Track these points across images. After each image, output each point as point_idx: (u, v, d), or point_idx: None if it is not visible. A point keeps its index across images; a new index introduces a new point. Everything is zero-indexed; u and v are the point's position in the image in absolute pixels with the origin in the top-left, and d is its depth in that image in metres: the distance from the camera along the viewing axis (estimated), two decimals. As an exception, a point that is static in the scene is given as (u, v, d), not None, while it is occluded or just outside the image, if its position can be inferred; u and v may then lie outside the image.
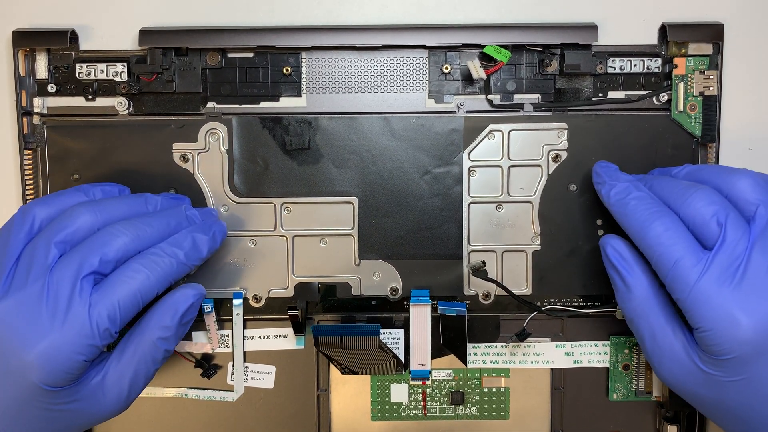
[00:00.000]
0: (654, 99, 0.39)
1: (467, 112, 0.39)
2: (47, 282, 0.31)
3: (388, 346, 0.39)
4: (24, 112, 0.39)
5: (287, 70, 0.39)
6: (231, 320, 0.40)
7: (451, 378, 0.41)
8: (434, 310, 0.39)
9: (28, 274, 0.32)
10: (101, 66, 0.39)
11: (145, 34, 0.38)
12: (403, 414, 0.41)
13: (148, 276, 0.33)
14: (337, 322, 0.40)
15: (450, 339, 0.39)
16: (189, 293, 0.35)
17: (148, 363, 0.34)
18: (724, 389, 0.31)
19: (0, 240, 0.33)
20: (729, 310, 0.30)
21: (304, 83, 0.39)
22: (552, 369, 0.41)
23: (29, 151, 0.39)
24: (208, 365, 0.40)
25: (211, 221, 0.37)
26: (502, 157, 0.39)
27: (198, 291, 0.36)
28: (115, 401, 0.34)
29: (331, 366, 0.40)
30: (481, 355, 0.40)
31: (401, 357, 0.39)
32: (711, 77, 0.38)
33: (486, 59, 0.38)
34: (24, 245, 0.33)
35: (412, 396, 0.41)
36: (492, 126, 0.39)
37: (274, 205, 0.39)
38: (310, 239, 0.40)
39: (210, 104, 0.39)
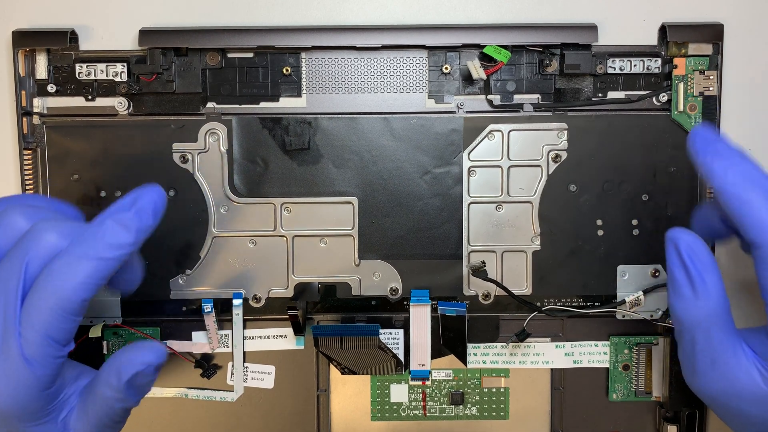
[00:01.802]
0: (654, 99, 0.39)
1: (467, 112, 0.39)
2: None
3: (388, 346, 0.39)
4: (24, 112, 0.39)
5: (287, 70, 0.39)
6: (231, 320, 0.40)
7: (451, 378, 0.41)
8: (434, 310, 0.39)
9: None
10: (101, 66, 0.39)
11: (145, 34, 0.38)
12: (402, 414, 0.41)
13: (65, 284, 0.27)
14: (337, 322, 0.40)
15: (450, 339, 0.39)
16: (136, 359, 0.30)
17: (107, 421, 0.30)
18: None
19: None
20: None
21: (304, 83, 0.39)
22: (552, 369, 0.41)
23: (29, 151, 0.39)
24: (207, 365, 0.40)
25: (134, 191, 0.30)
26: (502, 157, 0.39)
27: (149, 359, 0.30)
28: None
29: (331, 366, 0.40)
30: (481, 355, 0.40)
31: (401, 357, 0.39)
32: (711, 77, 0.38)
33: (486, 59, 0.38)
34: None
35: (412, 396, 0.41)
36: (492, 126, 0.39)
37: (274, 205, 0.39)
38: (310, 239, 0.40)
39: (210, 104, 0.39)
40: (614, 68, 0.39)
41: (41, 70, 0.39)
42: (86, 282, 0.28)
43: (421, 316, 0.38)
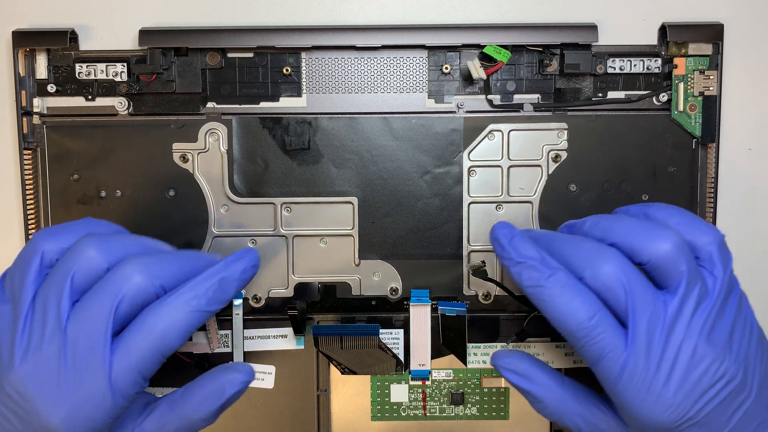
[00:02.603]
0: (654, 99, 0.39)
1: (467, 112, 0.39)
2: (63, 342, 0.29)
3: (388, 346, 0.39)
4: (24, 112, 0.39)
5: (287, 70, 0.39)
6: (231, 320, 0.40)
7: (451, 378, 0.41)
8: (434, 310, 0.39)
9: (44, 331, 0.30)
10: (101, 66, 0.39)
11: (145, 34, 0.38)
12: (403, 414, 0.41)
13: (165, 332, 0.30)
14: (337, 322, 0.40)
15: (450, 339, 0.39)
16: (237, 379, 0.33)
17: None
18: None
19: (15, 283, 0.31)
20: (652, 395, 0.30)
21: (304, 83, 0.39)
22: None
23: (29, 151, 0.39)
24: (208, 365, 0.40)
25: (243, 253, 0.33)
26: (502, 157, 0.39)
27: (246, 378, 0.34)
28: None
29: (331, 366, 0.40)
30: (481, 355, 0.40)
31: (401, 357, 0.39)
32: (711, 77, 0.38)
33: (486, 59, 0.38)
34: (36, 287, 0.31)
35: (412, 396, 0.41)
36: (492, 126, 0.39)
37: (274, 205, 0.39)
38: (310, 239, 0.40)
39: (210, 104, 0.39)
40: (614, 68, 0.39)
41: (41, 70, 0.39)
42: (188, 331, 0.31)
43: (421, 316, 0.38)
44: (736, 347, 0.30)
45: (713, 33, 0.38)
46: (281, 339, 0.40)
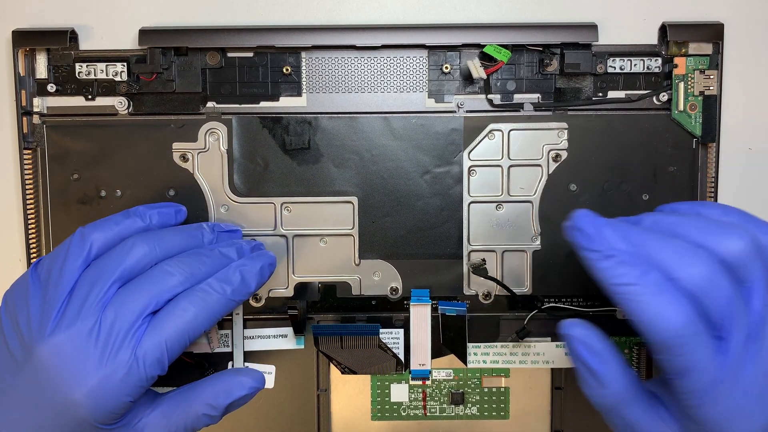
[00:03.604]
0: (654, 99, 0.39)
1: (467, 111, 0.39)
2: (99, 320, 0.31)
3: (388, 345, 0.39)
4: (24, 112, 0.39)
5: (287, 69, 0.39)
6: (231, 320, 0.40)
7: (451, 378, 0.41)
8: (434, 309, 0.39)
9: (81, 309, 0.31)
10: (101, 66, 0.39)
11: (144, 34, 0.38)
12: (403, 414, 0.41)
13: (196, 315, 0.32)
14: (337, 322, 0.40)
15: (450, 339, 0.39)
16: (246, 383, 0.35)
17: (188, 428, 0.34)
18: None
19: (56, 265, 0.32)
20: (740, 412, 0.27)
21: (304, 83, 0.39)
22: (552, 369, 0.41)
23: (29, 151, 0.39)
24: (208, 365, 0.40)
25: (260, 254, 0.36)
26: (502, 157, 0.39)
27: (255, 384, 0.35)
28: None
29: (331, 366, 0.40)
30: (481, 354, 0.40)
31: (401, 357, 0.39)
32: (711, 77, 0.38)
33: (486, 59, 0.38)
34: (79, 274, 0.32)
35: (412, 396, 0.41)
36: (492, 126, 0.39)
37: (274, 204, 0.39)
38: (310, 239, 0.40)
39: (210, 104, 0.39)
40: (614, 68, 0.39)
41: (41, 70, 0.39)
42: (214, 317, 0.33)
43: (421, 316, 0.38)
44: None
45: (713, 33, 0.38)
46: (281, 339, 0.40)
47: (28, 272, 0.33)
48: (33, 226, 0.39)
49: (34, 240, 0.39)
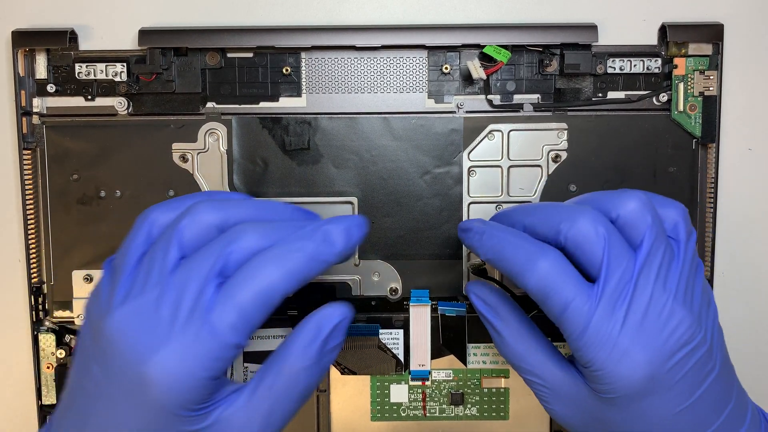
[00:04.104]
0: (654, 99, 0.39)
1: (467, 112, 0.39)
2: (166, 287, 0.28)
3: (388, 346, 0.39)
4: (23, 112, 0.39)
5: (287, 70, 0.39)
6: (231, 320, 0.40)
7: (451, 378, 0.41)
8: (434, 310, 0.39)
9: (147, 280, 0.28)
10: (101, 66, 0.39)
11: (144, 34, 0.38)
12: (402, 414, 0.41)
13: (272, 272, 0.28)
14: (336, 323, 0.40)
15: (450, 339, 0.39)
16: (334, 312, 0.30)
17: (285, 400, 0.29)
18: (612, 424, 0.30)
19: (121, 249, 0.30)
20: (619, 350, 0.29)
21: (304, 83, 0.39)
22: (552, 369, 0.41)
23: (28, 151, 0.39)
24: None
25: (347, 216, 0.31)
26: (502, 157, 0.39)
27: (343, 311, 0.31)
28: None
29: (331, 366, 0.40)
30: (481, 355, 0.40)
31: (401, 357, 0.39)
32: (711, 77, 0.38)
33: (486, 59, 0.38)
34: (143, 251, 0.30)
35: (412, 396, 0.41)
36: (492, 126, 0.39)
37: (274, 205, 0.39)
38: (309, 239, 0.40)
39: (209, 104, 0.39)
40: (614, 68, 0.39)
41: (41, 70, 0.39)
42: (294, 276, 0.28)
43: (421, 316, 0.38)
44: (704, 317, 0.30)
45: (713, 33, 0.38)
46: (281, 339, 0.40)
47: (103, 267, 0.31)
48: (32, 226, 0.39)
49: (33, 240, 0.39)
